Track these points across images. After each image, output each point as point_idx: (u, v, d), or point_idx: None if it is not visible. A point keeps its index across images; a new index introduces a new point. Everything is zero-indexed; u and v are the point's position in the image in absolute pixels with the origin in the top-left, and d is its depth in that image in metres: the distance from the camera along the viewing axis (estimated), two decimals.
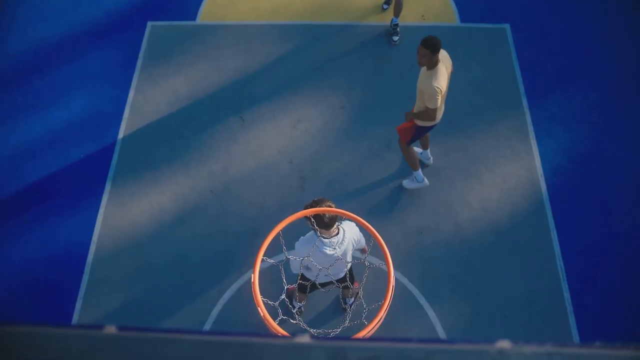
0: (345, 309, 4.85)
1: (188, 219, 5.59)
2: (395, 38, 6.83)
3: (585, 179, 5.85)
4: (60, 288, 5.22)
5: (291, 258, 3.99)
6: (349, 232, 3.91)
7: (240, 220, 5.57)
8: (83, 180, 5.87)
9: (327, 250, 3.79)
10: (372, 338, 0.86)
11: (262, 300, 3.45)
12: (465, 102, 6.33)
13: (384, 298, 3.50)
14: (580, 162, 5.97)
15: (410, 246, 5.39)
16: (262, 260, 3.52)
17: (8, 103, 6.43)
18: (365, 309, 3.87)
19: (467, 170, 5.90)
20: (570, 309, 5.08)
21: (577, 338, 4.92)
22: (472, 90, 6.46)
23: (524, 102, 6.38)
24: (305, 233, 4.03)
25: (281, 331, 3.64)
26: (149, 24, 7.08)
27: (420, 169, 5.59)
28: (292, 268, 4.21)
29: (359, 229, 4.03)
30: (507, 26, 7.04)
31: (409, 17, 7.05)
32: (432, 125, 5.14)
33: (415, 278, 5.21)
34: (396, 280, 4.69)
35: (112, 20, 7.14)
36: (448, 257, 5.34)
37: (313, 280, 4.14)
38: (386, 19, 7.04)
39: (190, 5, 7.27)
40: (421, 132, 5.27)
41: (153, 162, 5.97)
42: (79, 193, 5.79)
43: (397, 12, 6.70)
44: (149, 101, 6.43)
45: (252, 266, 3.54)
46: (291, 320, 4.14)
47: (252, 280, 3.48)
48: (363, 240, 4.16)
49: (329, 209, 3.63)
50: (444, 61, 4.78)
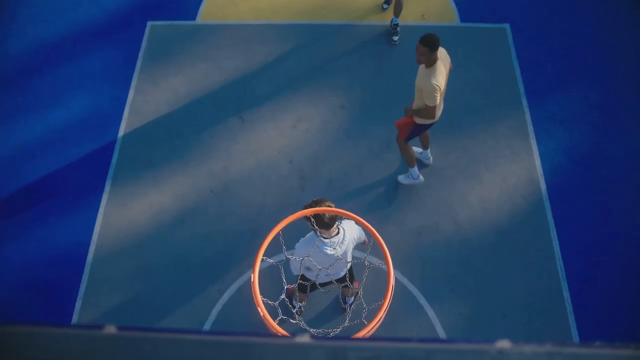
0: (345, 309, 4.85)
1: (188, 219, 5.59)
2: (395, 38, 6.83)
3: (585, 179, 5.85)
4: (60, 288, 5.22)
5: (291, 258, 3.99)
6: (349, 232, 3.91)
7: (240, 220, 5.57)
8: (83, 180, 5.87)
9: (328, 250, 3.79)
10: (372, 338, 0.86)
11: (262, 300, 3.45)
12: (465, 102, 6.33)
13: (384, 298, 3.50)
14: (580, 162, 5.97)
15: (410, 246, 5.40)
16: (262, 260, 3.52)
17: (8, 103, 6.43)
18: (365, 309, 3.87)
19: (467, 170, 5.90)
20: (570, 309, 5.08)
21: (577, 338, 4.92)
22: (472, 90, 6.46)
23: (524, 102, 6.38)
24: (305, 233, 4.03)
25: (281, 331, 3.65)
26: (149, 24, 7.08)
27: (416, 166, 5.59)
28: (293, 269, 4.21)
29: (359, 227, 4.04)
30: (507, 26, 7.04)
31: (409, 17, 7.05)
32: (431, 123, 5.14)
33: (415, 278, 5.21)
34: (396, 280, 4.69)
35: (112, 20, 7.14)
36: (448, 257, 5.34)
37: (313, 280, 4.14)
38: (386, 19, 7.04)
39: (190, 5, 7.27)
40: (419, 130, 5.27)
41: (153, 162, 5.97)
42: (79, 193, 5.79)
43: (397, 12, 6.70)
44: (149, 101, 6.43)
45: (252, 266, 3.54)
46: (291, 320, 4.14)
47: (252, 280, 3.48)
48: (363, 234, 4.16)
49: (329, 209, 3.63)
50: (443, 59, 4.78)
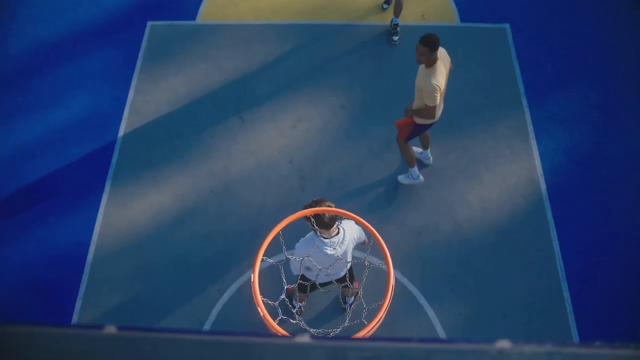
0: (345, 309, 4.85)
1: (188, 219, 5.59)
2: (395, 38, 6.83)
3: (585, 179, 5.85)
4: (60, 288, 5.22)
5: (291, 258, 3.99)
6: (349, 232, 3.91)
7: (240, 220, 5.57)
8: (83, 180, 5.87)
9: (328, 250, 3.79)
10: (372, 338, 0.86)
11: (262, 300, 3.45)
12: (465, 102, 6.33)
13: (384, 298, 3.50)
14: (580, 162, 5.97)
15: (410, 246, 5.40)
16: (262, 260, 3.52)
17: (8, 103, 6.43)
18: (365, 309, 3.87)
19: (467, 170, 5.90)
20: (570, 309, 5.08)
21: (577, 338, 4.92)
22: (472, 90, 6.46)
23: (524, 102, 6.38)
24: (305, 233, 4.03)
25: (281, 331, 3.64)
26: (149, 24, 7.08)
27: (416, 166, 5.59)
28: (293, 269, 4.21)
29: (359, 227, 4.03)
30: (507, 26, 7.04)
31: (409, 17, 7.05)
32: (431, 123, 5.14)
33: (415, 278, 5.21)
34: (396, 280, 4.69)
35: (112, 20, 7.14)
36: (448, 257, 5.34)
37: (313, 280, 4.14)
38: (386, 19, 7.04)
39: (190, 5, 7.26)
40: (419, 130, 5.27)
41: (153, 162, 5.97)
42: (79, 193, 5.79)
43: (397, 12, 6.69)
44: (149, 101, 6.43)
45: (252, 266, 3.54)
46: (291, 320, 4.14)
47: (252, 280, 3.48)
48: (363, 234, 4.16)
49: (329, 209, 3.63)
50: (443, 59, 4.77)
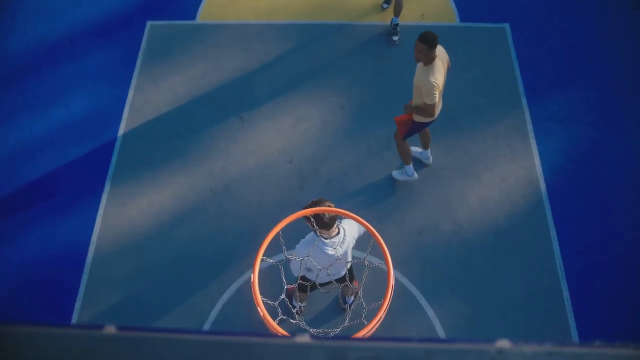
0: (345, 309, 4.85)
1: (187, 219, 5.59)
2: (395, 38, 6.83)
3: (584, 179, 5.85)
4: (59, 288, 5.22)
5: (291, 259, 3.99)
6: (349, 232, 3.91)
7: (239, 220, 5.57)
8: (82, 179, 5.87)
9: (328, 250, 3.79)
10: (372, 338, 0.86)
11: (262, 300, 3.45)
12: (464, 102, 6.33)
13: (384, 297, 3.50)
14: (579, 162, 5.97)
15: (409, 246, 5.40)
16: (262, 260, 3.52)
17: (8, 103, 6.43)
18: (365, 309, 3.87)
19: (467, 169, 5.90)
20: (569, 309, 5.08)
21: (577, 338, 4.92)
22: (472, 89, 6.46)
23: (524, 102, 6.38)
24: (305, 233, 4.03)
25: (281, 331, 3.64)
26: (149, 24, 7.08)
27: (412, 164, 5.59)
28: (293, 270, 4.21)
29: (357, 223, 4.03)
30: (507, 26, 7.04)
31: (409, 17, 7.05)
32: (430, 121, 5.13)
33: (414, 278, 5.21)
34: (396, 279, 4.69)
35: (112, 19, 7.14)
36: (448, 257, 5.34)
37: (313, 280, 4.14)
38: (386, 19, 7.04)
39: (189, 4, 7.26)
40: (418, 128, 5.26)
41: (152, 162, 5.97)
42: (79, 193, 5.79)
43: (397, 12, 6.69)
44: (149, 101, 6.43)
45: (252, 266, 3.54)
46: (291, 320, 4.14)
47: (252, 280, 3.48)
48: (362, 228, 4.14)
49: (329, 209, 3.63)
50: (441, 57, 4.77)
